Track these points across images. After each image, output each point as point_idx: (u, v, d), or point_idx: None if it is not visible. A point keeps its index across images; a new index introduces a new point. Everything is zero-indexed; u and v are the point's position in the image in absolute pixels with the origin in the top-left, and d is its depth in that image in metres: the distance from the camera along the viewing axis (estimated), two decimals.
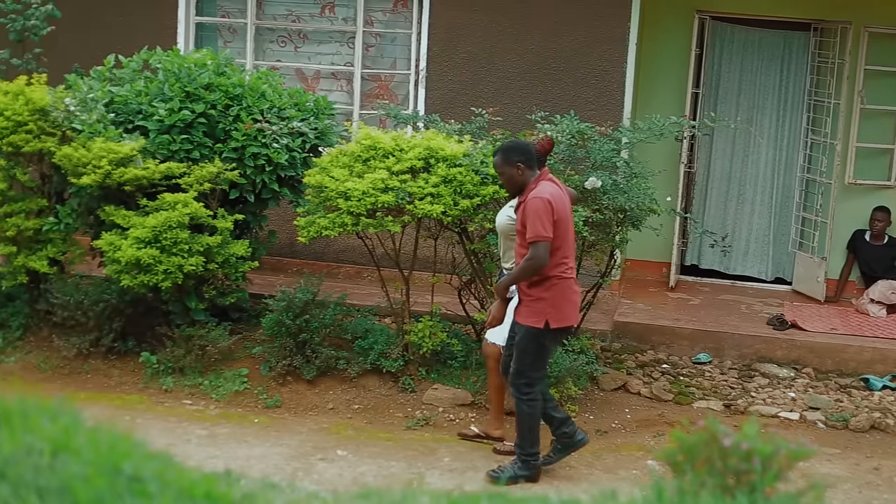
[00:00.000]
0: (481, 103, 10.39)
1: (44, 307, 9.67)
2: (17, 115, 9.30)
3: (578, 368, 8.97)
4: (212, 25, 12.30)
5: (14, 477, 2.85)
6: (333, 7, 12.04)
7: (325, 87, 12.12)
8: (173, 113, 9.17)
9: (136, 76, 9.72)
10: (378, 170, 8.64)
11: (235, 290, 9.50)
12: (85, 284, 9.53)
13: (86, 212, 9.45)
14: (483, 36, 11.54)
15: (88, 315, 9.34)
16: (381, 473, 7.70)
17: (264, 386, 9.14)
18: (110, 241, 8.88)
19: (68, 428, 3.20)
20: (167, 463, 3.19)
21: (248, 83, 9.63)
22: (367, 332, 9.38)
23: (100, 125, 9.08)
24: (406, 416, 8.86)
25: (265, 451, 8.06)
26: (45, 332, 9.75)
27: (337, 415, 8.89)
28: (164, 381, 9.15)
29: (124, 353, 9.51)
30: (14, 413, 3.28)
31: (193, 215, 8.85)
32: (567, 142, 8.93)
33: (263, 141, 9.24)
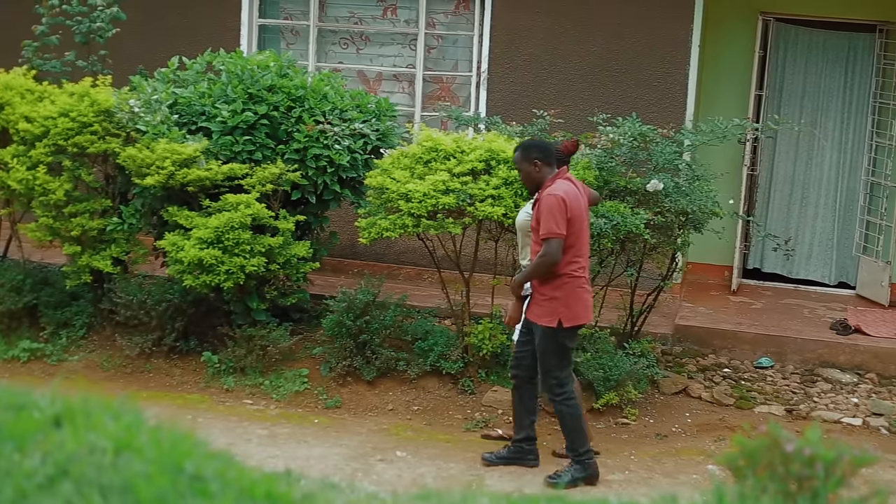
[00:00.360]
0: (543, 105, 10.36)
1: (107, 306, 9.75)
2: (82, 116, 9.40)
3: (639, 372, 8.93)
4: (275, 27, 12.36)
5: (77, 475, 2.88)
6: (395, 9, 12.06)
7: (387, 88, 12.15)
8: (236, 114, 9.22)
9: (199, 78, 9.78)
10: (439, 171, 8.65)
11: (296, 290, 9.53)
12: (148, 284, 9.60)
13: (149, 212, 9.52)
14: (545, 38, 11.52)
15: (151, 314, 9.41)
16: (440, 475, 7.70)
17: (324, 386, 9.18)
18: (173, 242, 8.94)
19: (131, 427, 3.23)
20: (228, 462, 3.20)
21: (311, 85, 9.66)
22: (426, 334, 9.38)
23: (163, 126, 9.15)
24: (465, 418, 8.85)
25: (325, 451, 8.09)
26: (109, 332, 9.83)
27: (396, 416, 8.90)
28: (226, 381, 9.20)
29: (186, 353, 9.58)
30: (77, 411, 3.31)
31: (255, 216, 8.89)
32: (629, 144, 8.89)
33: (325, 142, 9.27)
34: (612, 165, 8.93)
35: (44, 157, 9.46)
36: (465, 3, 11.84)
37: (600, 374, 8.76)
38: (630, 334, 9.44)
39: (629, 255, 9.18)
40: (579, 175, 8.68)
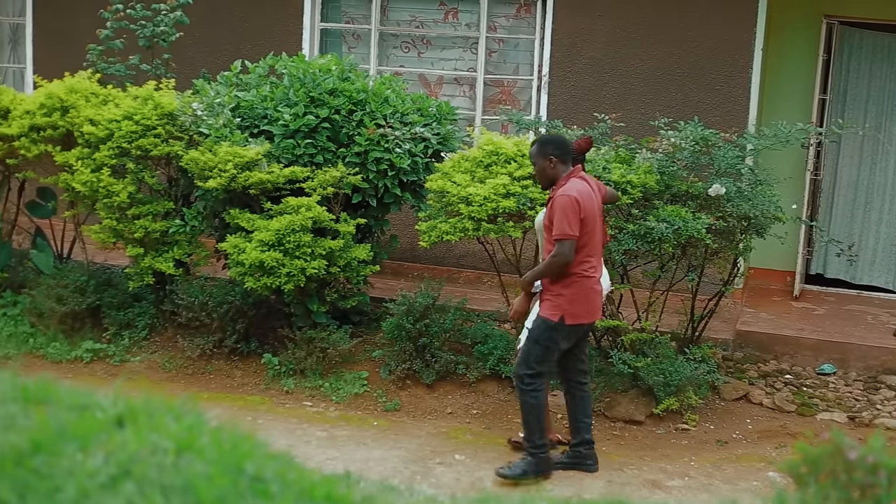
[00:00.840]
0: (604, 109, 10.33)
1: (169, 308, 9.83)
2: (146, 119, 9.48)
3: (699, 377, 8.87)
4: (336, 31, 12.41)
5: (139, 475, 2.90)
6: (457, 13, 12.07)
7: (448, 92, 12.16)
8: (298, 118, 9.26)
9: (261, 81, 9.84)
10: (500, 175, 8.65)
11: (357, 293, 9.56)
12: (209, 286, 9.66)
13: (211, 214, 9.59)
14: (606, 41, 11.48)
15: (212, 316, 9.48)
16: (499, 479, 7.68)
17: (384, 389, 9.19)
18: (235, 244, 8.99)
19: (192, 427, 3.25)
20: (288, 464, 3.22)
21: (372, 88, 9.69)
22: (486, 338, 9.38)
23: (226, 130, 9.21)
24: None
25: (384, 453, 8.10)
26: (170, 333, 9.91)
27: (455, 419, 8.90)
28: (286, 383, 9.25)
29: (247, 355, 9.63)
30: (140, 412, 3.34)
31: (316, 219, 8.92)
32: (691, 148, 8.84)
33: (386, 146, 9.29)
34: (673, 170, 8.88)
35: (108, 160, 9.56)
36: (526, 6, 11.83)
37: (660, 380, 8.71)
38: (691, 339, 9.38)
39: (690, 259, 9.12)
40: (640, 180, 8.65)
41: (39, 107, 10.01)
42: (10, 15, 13.80)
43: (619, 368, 8.80)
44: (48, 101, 9.99)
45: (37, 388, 3.55)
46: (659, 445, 8.50)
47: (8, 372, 3.83)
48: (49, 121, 9.90)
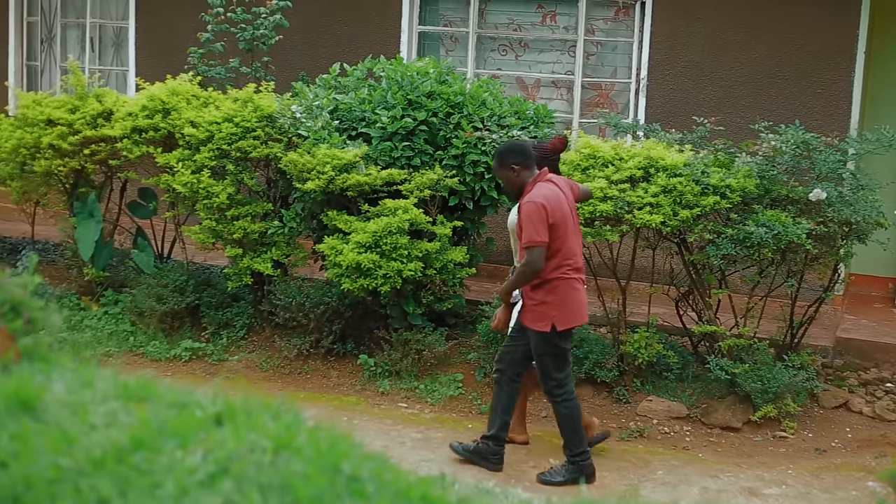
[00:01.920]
0: (703, 112, 10.24)
1: (267, 308, 9.92)
2: (245, 121, 9.59)
3: (798, 384, 8.75)
4: (434, 34, 12.44)
5: (237, 473, 2.92)
6: (555, 16, 12.04)
7: (545, 95, 12.13)
8: (395, 120, 9.29)
9: (360, 84, 9.89)
10: (597, 178, 8.61)
11: (452, 295, 9.57)
12: (307, 287, 9.73)
13: (309, 216, 9.66)
14: (705, 44, 11.38)
15: (309, 317, 9.54)
16: (594, 484, 7.65)
17: (478, 392, 9.20)
18: (332, 246, 9.05)
19: (290, 427, 3.27)
20: (384, 464, 3.22)
21: (469, 91, 9.69)
22: (582, 342, 9.33)
23: (324, 132, 9.27)
24: (619, 427, 8.79)
25: None
26: (268, 333, 10.00)
27: (550, 423, 8.86)
28: (381, 384, 9.29)
29: (343, 355, 9.70)
30: (238, 411, 3.36)
31: (413, 221, 8.95)
32: (791, 152, 8.72)
33: (483, 149, 9.29)
34: (773, 174, 8.77)
35: (208, 161, 9.67)
36: (625, 9, 11.76)
37: (758, 386, 8.61)
38: (790, 346, 9.25)
39: (790, 265, 9.01)
40: (739, 184, 8.55)
41: (141, 109, 10.15)
42: (113, 18, 14.02)
43: (716, 374, 8.72)
44: (150, 104, 10.14)
45: (137, 386, 3.59)
46: (756, 453, 8.40)
47: (109, 369, 3.89)
48: (151, 123, 10.04)
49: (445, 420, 8.80)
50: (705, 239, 8.66)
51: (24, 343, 4.06)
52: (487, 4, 12.21)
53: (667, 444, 8.53)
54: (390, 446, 7.90)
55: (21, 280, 4.33)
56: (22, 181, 10.93)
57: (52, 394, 3.48)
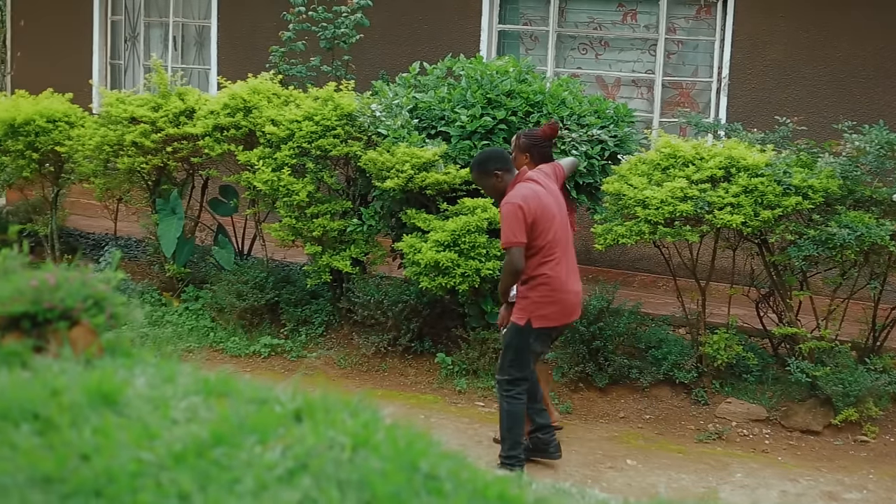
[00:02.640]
0: (785, 112, 10.13)
1: (345, 305, 9.97)
2: (325, 119, 9.64)
3: (880, 388, 8.63)
4: (514, 33, 12.42)
5: (316, 469, 2.94)
6: (635, 14, 11.98)
7: (625, 94, 12.07)
8: (475, 119, 9.29)
9: (439, 83, 9.90)
10: (677, 178, 8.55)
11: None
12: (385, 285, 9.77)
13: (388, 214, 9.68)
14: (788, 43, 11.26)
15: (387, 315, 9.57)
16: (671, 486, 7.60)
17: (556, 392, 9.17)
18: (411, 244, 9.07)
19: (368, 424, 3.28)
20: (461, 463, 3.22)
21: (549, 90, 9.67)
22: (660, 342, 9.28)
23: (404, 130, 9.29)
24: (698, 429, 8.72)
25: None
26: (346, 330, 10.05)
27: (627, 424, 8.83)
28: (458, 383, 9.29)
29: (420, 353, 9.72)
30: (317, 407, 3.38)
31: (492, 220, 8.93)
32: (875, 153, 8.60)
33: (563, 148, 9.25)
34: (857, 174, 8.65)
35: (288, 159, 9.73)
36: (706, 7, 11.67)
37: (839, 390, 8.51)
38: (872, 349, 9.13)
39: (873, 267, 8.88)
40: (822, 184, 8.44)
41: (223, 107, 10.24)
42: (195, 17, 14.16)
43: (796, 377, 8.62)
44: (231, 102, 10.22)
45: (218, 382, 3.63)
46: (836, 457, 8.30)
47: (190, 365, 3.92)
48: (232, 121, 10.13)
49: None
50: (787, 240, 8.57)
51: (107, 338, 4.12)
52: (568, 3, 12.17)
53: (745, 447, 8.45)
54: (467, 445, 7.91)
55: (104, 276, 4.39)
56: (105, 178, 11.08)
57: (133, 388, 3.53)
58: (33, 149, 11.24)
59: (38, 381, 3.57)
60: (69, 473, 2.91)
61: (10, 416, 3.25)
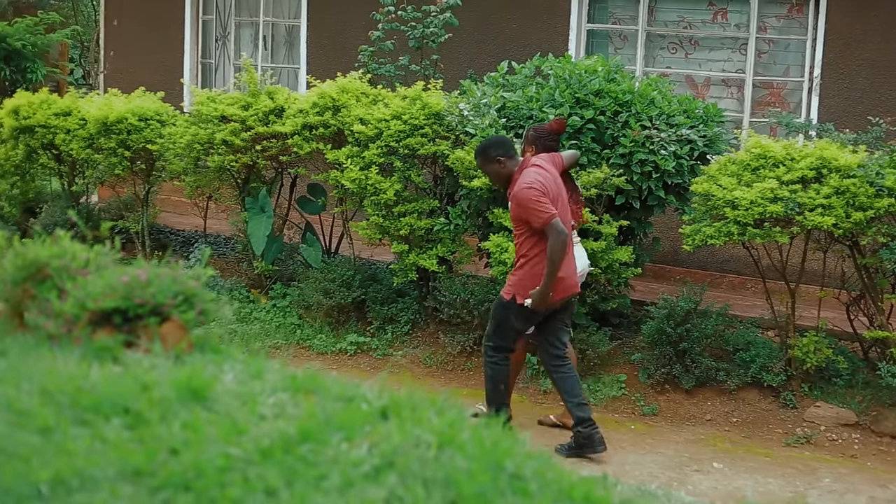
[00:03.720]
0: (878, 112, 9.99)
1: (431, 304, 9.99)
2: (413, 119, 9.66)
3: None
4: (603, 32, 12.37)
5: (402, 467, 2.95)
6: (726, 13, 11.86)
7: (715, 94, 11.96)
8: None
9: (527, 82, 9.88)
10: (767, 179, 8.46)
11: (617, 295, 9.51)
12: (471, 284, 9.77)
13: (475, 213, 9.69)
14: (882, 42, 11.08)
15: (473, 314, 9.58)
16: (758, 489, 7.53)
17: (641, 393, 9.12)
18: (497, 243, 9.06)
19: (454, 423, 3.28)
20: (546, 463, 3.21)
21: (638, 90, 9.61)
22: (748, 345, 9.19)
23: (492, 130, 9.29)
24: (785, 433, 8.63)
25: (640, 458, 8.04)
26: (432, 329, 10.07)
27: (714, 427, 8.76)
28: (544, 383, 9.27)
29: None
30: (403, 405, 3.39)
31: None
32: None
33: (651, 147, 9.20)
34: None
35: (376, 158, 9.77)
36: (798, 6, 11.53)
37: None
38: None
39: None
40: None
41: (312, 106, 10.31)
42: (285, 17, 14.27)
43: (887, 381, 8.48)
44: (320, 101, 10.29)
45: (305, 379, 3.65)
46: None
47: (278, 361, 3.95)
48: (321, 119, 10.19)
49: (608, 420, 8.75)
50: (879, 242, 8.46)
51: (197, 334, 4.16)
52: (658, 2, 12.09)
53: (834, 452, 8.34)
54: (552, 445, 7.89)
55: (194, 272, 4.43)
56: (195, 176, 11.21)
57: (222, 384, 3.56)
58: (125, 147, 11.40)
59: (128, 375, 3.62)
60: (158, 467, 2.95)
61: (102, 410, 3.30)
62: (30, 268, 4.94)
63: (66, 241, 5.07)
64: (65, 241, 5.05)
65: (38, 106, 12.05)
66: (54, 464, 2.95)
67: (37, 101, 12.14)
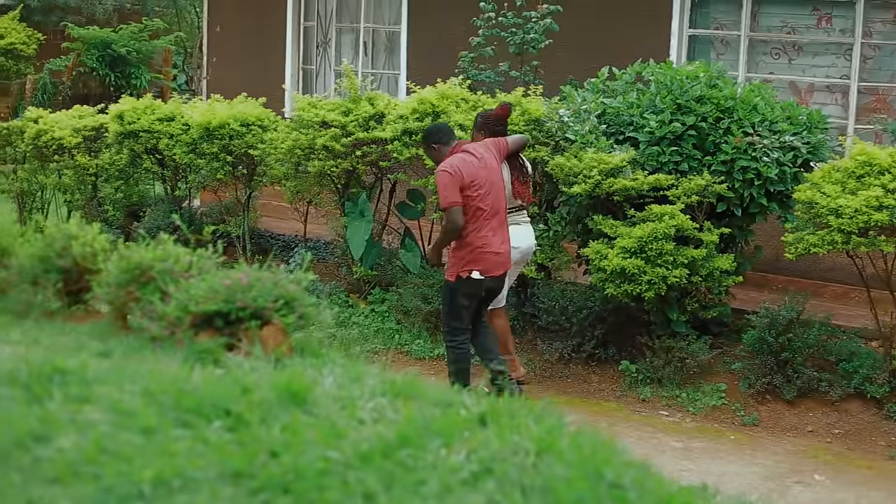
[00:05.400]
0: None
1: (530, 311, 9.97)
2: (513, 124, 9.65)
3: None
4: (705, 38, 12.26)
5: (500, 474, 2.95)
6: (830, 18, 11.68)
7: (819, 100, 11.78)
8: (664, 125, 9.20)
9: (628, 88, 9.83)
10: (872, 187, 8.33)
11: (717, 304, 9.41)
12: (570, 291, 9.74)
13: (574, 220, 9.66)
14: None
15: (572, 321, 9.55)
16: (860, 503, 7.40)
17: (741, 403, 9.02)
18: (597, 250, 9.03)
19: (552, 430, 3.28)
20: (646, 472, 3.19)
21: (740, 96, 9.51)
22: (851, 355, 9.04)
23: (591, 136, 9.26)
24: (889, 445, 8.47)
25: (739, 468, 7.95)
26: (530, 335, 10.05)
27: (815, 438, 8.63)
28: (642, 391, 9.21)
29: (604, 361, 9.66)
30: (502, 412, 3.39)
31: (679, 227, 8.85)
32: None
33: (753, 154, 9.10)
34: None
35: None
36: None
37: None
38: None
39: None
40: None
41: (412, 112, 10.36)
42: (386, 23, 14.34)
43: None
44: (420, 107, 10.33)
45: (404, 384, 3.66)
46: None
47: (376, 366, 3.97)
48: (420, 125, 10.22)
49: (707, 430, 8.67)
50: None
51: (297, 338, 4.19)
52: (760, 7, 11.95)
53: None
54: (650, 454, 7.81)
55: (295, 277, 4.47)
56: (296, 181, 11.30)
57: (322, 388, 3.59)
58: (227, 152, 11.53)
59: (229, 378, 3.66)
60: (258, 469, 2.98)
61: (203, 412, 3.34)
62: (134, 271, 5.02)
63: (169, 244, 5.15)
64: (168, 245, 5.13)
65: (143, 111, 12.22)
66: (156, 464, 2.99)
67: (141, 106, 12.32)
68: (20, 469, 3.04)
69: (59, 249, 6.06)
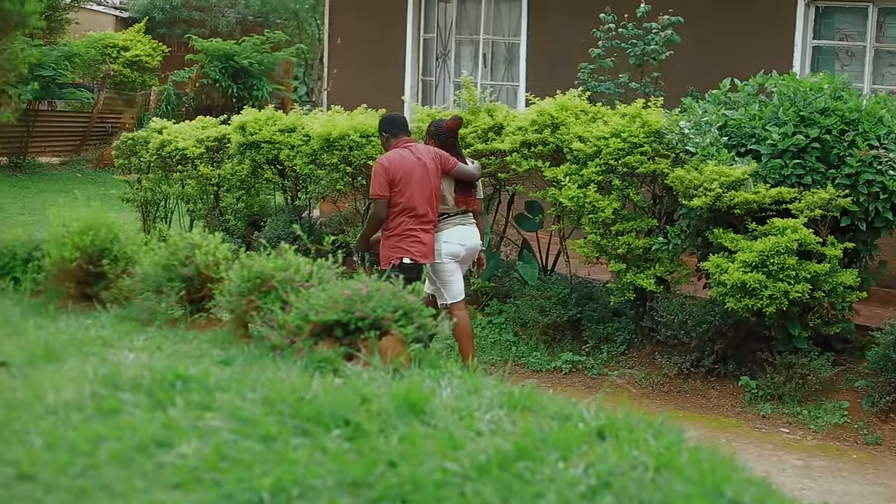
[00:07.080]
0: None
1: (648, 324, 9.89)
2: (633, 136, 9.60)
3: None
4: (829, 49, 12.07)
5: (618, 488, 2.92)
6: None
7: None
8: (787, 137, 9.07)
9: (750, 100, 9.71)
10: None
11: (841, 320, 9.24)
12: (689, 305, 9.64)
13: (694, 233, 9.56)
14: None
15: (691, 335, 9.45)
16: None
17: (865, 421, 8.84)
18: (717, 264, 8.93)
19: (671, 446, 3.24)
20: (767, 491, 3.15)
21: (865, 108, 9.34)
22: None
23: (712, 148, 9.16)
24: None
25: (862, 488, 7.79)
26: (648, 349, 9.97)
27: (875, 448, 8.44)
28: (762, 408, 9.08)
29: (723, 376, 9.54)
30: (620, 426, 3.36)
31: (802, 241, 8.71)
32: None
33: (879, 168, 8.92)
34: None
35: (594, 176, 9.74)
36: None
37: None
38: None
39: None
40: None
41: (531, 123, 10.36)
42: (505, 35, 14.36)
43: None
44: (539, 118, 10.32)
45: (522, 396, 3.66)
46: None
47: (494, 378, 3.96)
48: (539, 137, 10.22)
49: (829, 448, 8.51)
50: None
51: (415, 348, 4.20)
52: (886, 17, 11.74)
53: None
54: (770, 472, 7.69)
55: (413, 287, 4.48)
56: None
57: (440, 399, 3.59)
58: (347, 162, 11.62)
59: (348, 387, 3.68)
60: (376, 479, 2.99)
61: (322, 421, 3.37)
62: (255, 280, 5.09)
63: (290, 254, 5.21)
64: (289, 255, 5.19)
65: (264, 122, 12.38)
66: (275, 472, 3.02)
67: (263, 117, 12.49)
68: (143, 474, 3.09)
69: (183, 258, 6.17)
